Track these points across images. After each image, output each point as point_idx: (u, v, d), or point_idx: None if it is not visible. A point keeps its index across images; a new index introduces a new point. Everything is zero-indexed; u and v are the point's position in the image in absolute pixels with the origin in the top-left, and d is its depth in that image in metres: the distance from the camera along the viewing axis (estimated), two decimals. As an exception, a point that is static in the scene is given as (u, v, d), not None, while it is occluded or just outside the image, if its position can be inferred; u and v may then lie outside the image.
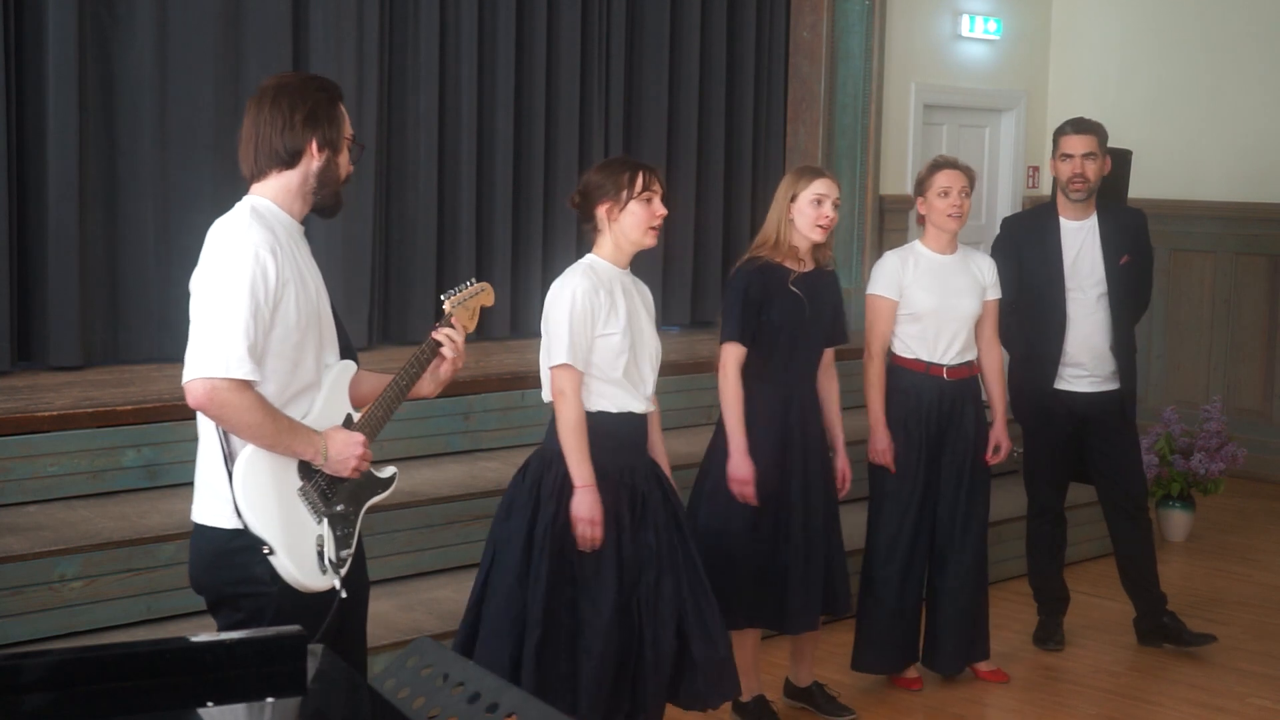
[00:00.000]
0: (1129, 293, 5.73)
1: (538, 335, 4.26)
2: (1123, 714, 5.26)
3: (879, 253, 9.22)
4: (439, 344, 3.47)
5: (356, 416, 3.36)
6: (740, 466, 4.72)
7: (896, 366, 5.29)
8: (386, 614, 5.05)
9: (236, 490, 3.14)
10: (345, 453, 3.24)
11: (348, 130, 3.37)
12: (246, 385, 3.08)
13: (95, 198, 6.50)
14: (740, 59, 9.06)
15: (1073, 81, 10.27)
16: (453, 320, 3.53)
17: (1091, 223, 5.71)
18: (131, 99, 6.59)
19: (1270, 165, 9.21)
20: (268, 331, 3.13)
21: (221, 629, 3.29)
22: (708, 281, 8.94)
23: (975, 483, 5.32)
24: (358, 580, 3.47)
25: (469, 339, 3.63)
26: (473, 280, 3.71)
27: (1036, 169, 10.37)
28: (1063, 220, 5.72)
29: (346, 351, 3.44)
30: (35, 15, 6.25)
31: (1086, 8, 10.21)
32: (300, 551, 3.17)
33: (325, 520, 3.24)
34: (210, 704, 1.68)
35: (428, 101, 7.59)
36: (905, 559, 5.25)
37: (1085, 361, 5.66)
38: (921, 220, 5.31)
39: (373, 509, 3.44)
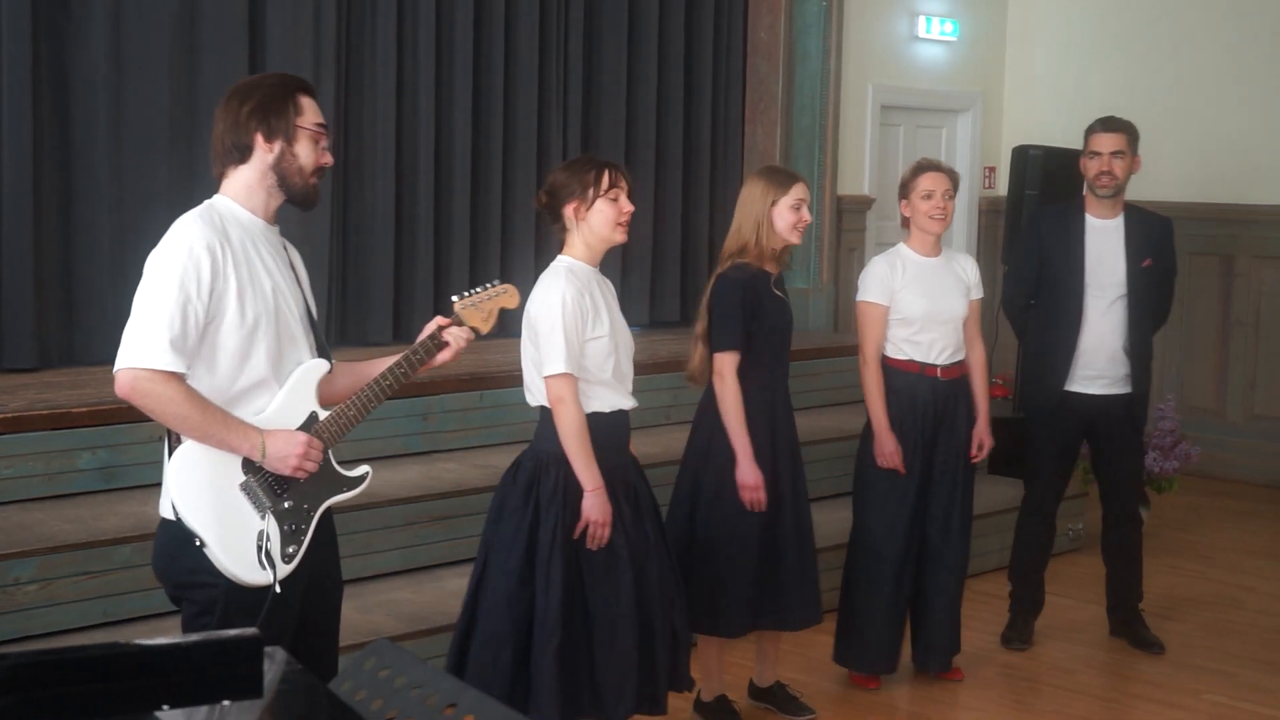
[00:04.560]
0: (1148, 297, 5.71)
1: (496, 336, 4.27)
2: (1080, 711, 5.30)
3: (837, 253, 9.29)
4: (444, 343, 3.50)
5: (323, 415, 3.37)
6: (750, 473, 4.76)
7: (890, 368, 5.27)
8: (344, 616, 4.99)
9: (170, 482, 3.21)
10: (284, 451, 3.25)
11: (310, 120, 3.37)
12: (171, 376, 3.13)
13: (50, 199, 6.45)
14: (698, 60, 9.08)
15: (1029, 83, 10.34)
16: (463, 321, 3.56)
17: (1118, 223, 5.69)
18: (86, 100, 6.54)
19: (1224, 166, 9.30)
20: (202, 325, 3.18)
21: (183, 620, 3.34)
22: (665, 282, 8.96)
23: (966, 481, 5.36)
24: (328, 578, 3.50)
25: (486, 338, 3.68)
26: (494, 281, 3.72)
27: (993, 169, 10.43)
28: (1089, 218, 5.71)
29: (322, 352, 3.45)
30: (-12, 15, 6.20)
31: (1042, 9, 10.28)
32: (236, 545, 3.20)
33: (269, 515, 3.25)
34: (166, 707, 1.68)
35: (385, 102, 7.57)
36: (900, 558, 5.27)
37: (1098, 363, 5.66)
38: (906, 223, 5.32)
39: (337, 508, 3.45)
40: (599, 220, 4.16)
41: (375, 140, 7.58)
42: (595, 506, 4.07)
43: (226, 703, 1.72)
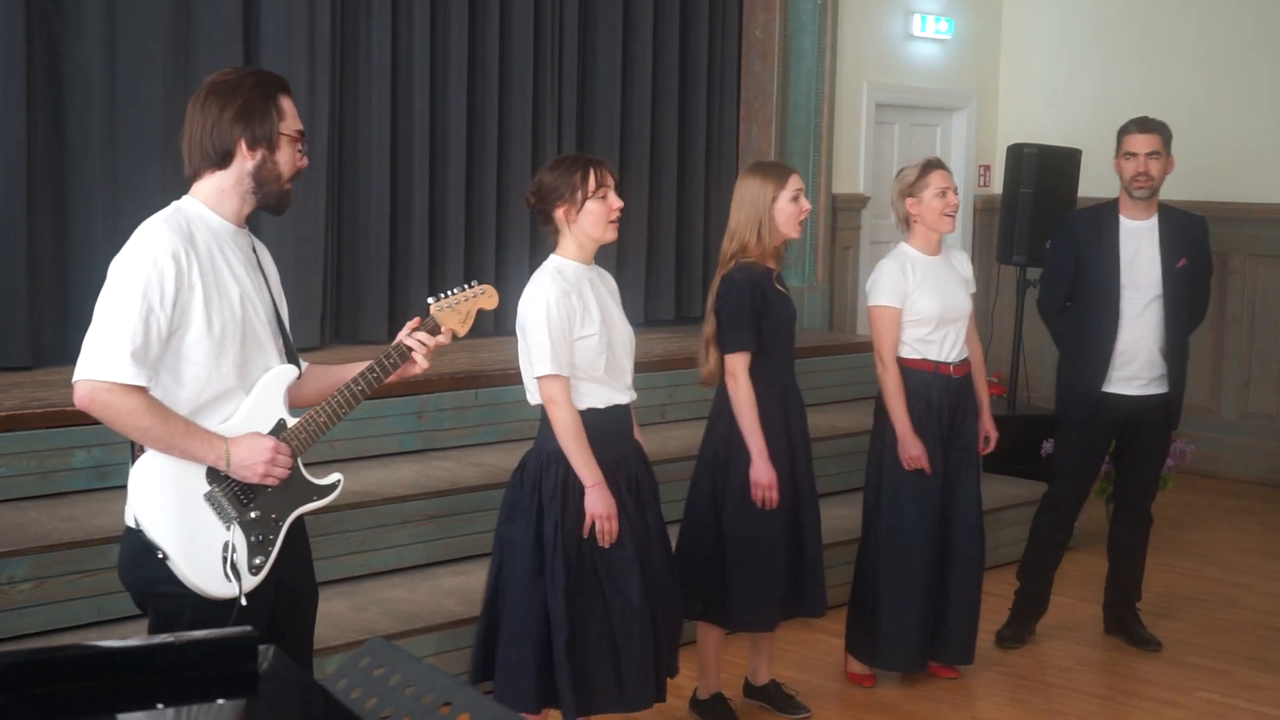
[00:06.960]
0: (1184, 297, 5.67)
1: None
2: (1076, 709, 5.30)
3: (832, 251, 9.29)
4: (409, 349, 3.44)
5: (291, 422, 3.30)
6: (764, 472, 4.78)
7: (905, 369, 5.26)
8: (339, 614, 5.03)
9: (131, 493, 3.13)
10: (250, 459, 3.17)
11: (291, 125, 3.29)
12: (131, 389, 3.05)
13: (44, 197, 6.44)
14: (693, 58, 9.08)
15: (1023, 81, 10.35)
16: (438, 324, 3.51)
17: (1152, 224, 5.66)
18: (80, 98, 6.53)
19: (1218, 164, 9.31)
20: (165, 336, 3.10)
21: (149, 627, 3.28)
22: (660, 281, 8.95)
23: (978, 476, 5.40)
24: (301, 587, 3.42)
25: (463, 340, 3.62)
26: (473, 282, 3.67)
27: (988, 168, 10.43)
28: (1123, 219, 5.67)
29: (290, 357, 3.38)
30: (-19, 13, 6.19)
31: (1037, 8, 10.29)
32: (200, 558, 3.12)
33: (235, 526, 3.17)
34: (161, 705, 1.67)
35: (380, 100, 7.56)
36: (930, 557, 5.27)
37: (1135, 364, 5.63)
38: (907, 222, 5.29)
39: (322, 511, 3.40)
40: (590, 221, 4.17)
41: (370, 138, 7.57)
42: (597, 501, 4.09)
43: (221, 701, 1.72)
